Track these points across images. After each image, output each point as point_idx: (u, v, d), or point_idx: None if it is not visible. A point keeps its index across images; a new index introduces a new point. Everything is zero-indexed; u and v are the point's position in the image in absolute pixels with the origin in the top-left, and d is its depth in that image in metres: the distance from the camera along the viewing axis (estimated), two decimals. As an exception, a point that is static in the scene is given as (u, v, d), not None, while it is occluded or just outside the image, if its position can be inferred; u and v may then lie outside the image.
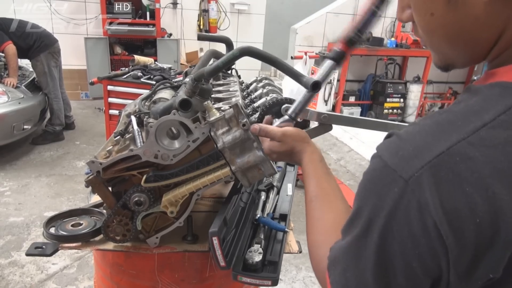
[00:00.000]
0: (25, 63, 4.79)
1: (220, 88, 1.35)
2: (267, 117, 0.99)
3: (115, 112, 3.40)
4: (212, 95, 1.25)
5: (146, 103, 1.34)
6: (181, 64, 6.22)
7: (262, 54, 0.98)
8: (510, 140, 0.47)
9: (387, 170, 0.51)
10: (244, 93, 1.34)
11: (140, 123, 1.18)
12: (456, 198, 0.46)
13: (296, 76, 0.95)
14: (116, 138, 1.19)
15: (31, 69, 4.72)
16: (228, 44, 1.56)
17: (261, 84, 1.36)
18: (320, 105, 5.98)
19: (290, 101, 1.00)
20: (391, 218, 0.50)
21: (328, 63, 0.92)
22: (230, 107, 1.00)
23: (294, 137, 0.88)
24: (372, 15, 0.83)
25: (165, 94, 1.38)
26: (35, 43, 4.40)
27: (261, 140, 0.95)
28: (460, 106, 0.52)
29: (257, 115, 1.03)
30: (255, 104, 1.15)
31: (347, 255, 0.57)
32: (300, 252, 1.23)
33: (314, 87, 0.90)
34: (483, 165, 0.46)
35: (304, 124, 1.03)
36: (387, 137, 0.56)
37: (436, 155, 0.48)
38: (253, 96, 1.28)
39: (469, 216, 0.46)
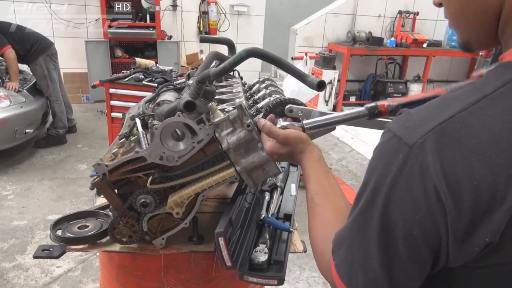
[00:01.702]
0: (25, 67, 4.81)
1: (223, 90, 1.36)
2: (270, 116, 0.99)
3: (117, 114, 3.41)
4: (216, 97, 1.26)
5: (150, 106, 1.35)
6: (181, 66, 6.23)
7: (268, 55, 0.99)
8: (508, 109, 0.50)
9: (394, 140, 0.54)
10: (247, 94, 1.35)
11: (145, 125, 1.19)
12: (456, 162, 0.49)
13: (301, 77, 0.96)
14: (121, 141, 1.20)
15: (31, 73, 4.74)
16: (230, 46, 1.57)
17: (263, 85, 1.37)
18: (321, 105, 5.99)
19: (294, 101, 1.00)
20: (394, 184, 0.53)
21: (360, 110, 0.93)
22: (234, 108, 1.01)
23: (295, 140, 0.89)
24: (422, 102, 0.85)
25: (169, 96, 1.39)
26: (33, 47, 4.42)
27: (263, 139, 0.95)
28: (468, 86, 0.56)
29: (260, 115, 1.04)
30: (259, 105, 1.16)
31: (352, 231, 0.59)
32: (305, 251, 1.24)
33: (319, 86, 0.90)
34: (481, 131, 0.49)
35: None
36: (398, 114, 0.59)
37: (439, 123, 0.51)
38: (256, 97, 1.29)
39: (467, 178, 0.48)
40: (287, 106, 0.99)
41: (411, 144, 0.51)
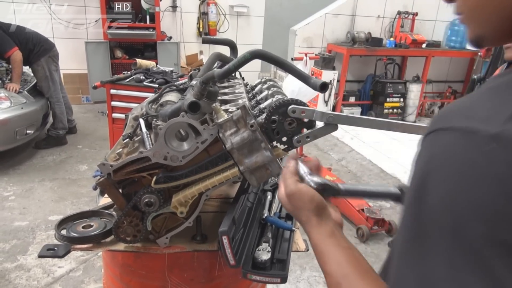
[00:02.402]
0: (25, 68, 4.82)
1: (226, 90, 1.37)
2: (293, 157, 0.87)
3: (118, 115, 3.43)
4: (219, 97, 1.27)
5: (153, 106, 1.36)
6: (181, 67, 6.25)
7: (271, 56, 1.00)
8: None
9: (467, 136, 0.44)
10: (250, 94, 1.36)
11: (148, 126, 1.21)
12: None
13: (304, 78, 0.98)
14: (125, 141, 1.21)
15: (32, 74, 4.75)
16: (232, 47, 1.59)
17: (266, 85, 1.38)
18: (320, 106, 6.01)
19: (296, 102, 1.02)
20: (491, 192, 0.41)
21: (394, 191, 0.85)
22: (238, 108, 1.02)
23: (301, 201, 0.74)
24: None
25: (171, 97, 1.40)
26: (35, 48, 4.42)
27: (280, 181, 0.83)
28: (504, 78, 0.51)
29: (263, 116, 1.05)
30: (262, 106, 1.17)
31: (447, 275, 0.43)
32: (307, 250, 1.25)
33: (322, 88, 0.92)
34: None
35: (310, 124, 1.05)
36: (436, 125, 0.49)
37: None
38: (258, 97, 1.30)
39: None
40: (290, 107, 1.00)
41: (494, 135, 0.42)
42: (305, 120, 1.03)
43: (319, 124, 1.06)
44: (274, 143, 1.06)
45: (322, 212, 0.73)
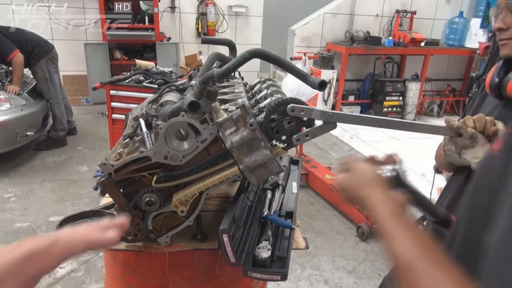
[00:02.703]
0: (25, 70, 4.82)
1: (225, 90, 1.38)
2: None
3: (118, 116, 3.43)
4: (218, 97, 1.28)
5: (153, 106, 1.37)
6: (180, 67, 6.26)
7: (270, 56, 1.01)
8: None
9: None
10: (249, 94, 1.37)
11: (148, 126, 1.22)
12: None
13: (302, 77, 0.99)
14: (125, 141, 1.22)
15: (31, 76, 4.75)
16: (232, 47, 1.60)
17: (265, 85, 1.39)
18: (320, 105, 6.02)
19: (295, 101, 1.03)
20: None
21: (440, 210, 0.88)
22: (237, 108, 1.03)
23: (357, 175, 0.74)
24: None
25: (171, 97, 1.41)
26: (35, 49, 4.43)
27: (337, 173, 0.84)
28: None
29: (263, 115, 1.06)
30: (261, 105, 1.18)
31: None
32: (307, 248, 1.26)
33: (321, 86, 0.93)
34: None
35: (309, 123, 1.06)
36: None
37: None
38: (258, 97, 1.31)
39: None
40: (289, 106, 1.01)
41: None
42: (304, 118, 1.04)
43: (318, 122, 1.07)
44: (274, 141, 1.07)
45: (388, 192, 0.72)
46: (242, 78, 1.65)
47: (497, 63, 1.12)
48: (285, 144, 1.07)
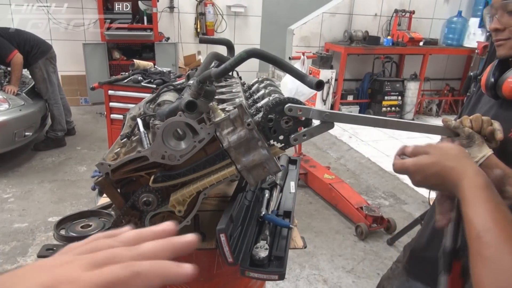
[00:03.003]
0: (24, 70, 4.82)
1: (223, 90, 1.38)
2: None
3: (117, 116, 3.43)
4: (216, 97, 1.28)
5: (151, 106, 1.37)
6: (179, 67, 6.26)
7: (267, 55, 1.01)
8: None
9: None
10: (247, 93, 1.37)
11: (146, 125, 1.21)
12: None
13: (300, 76, 0.98)
14: (123, 141, 1.22)
15: (30, 76, 4.75)
16: (230, 46, 1.59)
17: (262, 84, 1.39)
18: (319, 105, 6.02)
19: (293, 100, 1.03)
20: None
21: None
22: (235, 107, 1.03)
23: (445, 150, 0.74)
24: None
25: (169, 96, 1.41)
26: (33, 50, 4.42)
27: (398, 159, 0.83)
28: None
29: (260, 115, 1.06)
30: (258, 104, 1.18)
31: None
32: (305, 247, 1.26)
33: (318, 86, 0.93)
34: None
35: (306, 123, 1.06)
36: None
37: None
38: (255, 96, 1.31)
39: None
40: (287, 105, 1.01)
41: None
42: (302, 118, 1.04)
43: (316, 122, 1.07)
44: (271, 141, 1.07)
45: (477, 167, 0.74)
46: (240, 78, 1.65)
47: (491, 63, 1.12)
48: (283, 144, 1.07)
